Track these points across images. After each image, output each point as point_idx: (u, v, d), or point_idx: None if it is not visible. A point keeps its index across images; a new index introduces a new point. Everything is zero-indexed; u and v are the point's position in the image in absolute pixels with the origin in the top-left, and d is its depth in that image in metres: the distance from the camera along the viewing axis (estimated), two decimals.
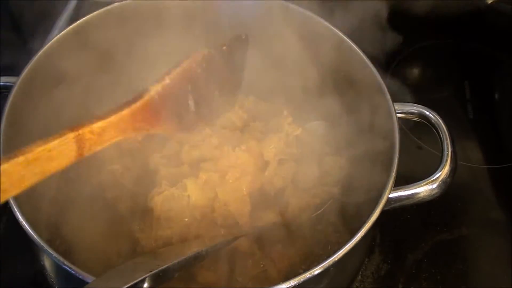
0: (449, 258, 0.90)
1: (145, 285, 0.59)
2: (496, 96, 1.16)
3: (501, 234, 0.93)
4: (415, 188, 0.75)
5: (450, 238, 0.93)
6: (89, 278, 0.62)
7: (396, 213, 0.94)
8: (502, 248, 0.91)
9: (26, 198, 0.72)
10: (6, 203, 0.67)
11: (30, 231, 0.65)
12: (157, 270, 0.62)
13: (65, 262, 0.63)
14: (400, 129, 0.77)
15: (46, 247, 0.64)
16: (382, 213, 0.69)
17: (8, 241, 0.88)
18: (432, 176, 0.75)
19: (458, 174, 0.78)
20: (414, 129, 1.03)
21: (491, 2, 1.17)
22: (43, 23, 1.09)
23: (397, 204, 0.74)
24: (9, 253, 0.86)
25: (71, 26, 0.86)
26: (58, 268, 0.64)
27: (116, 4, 0.89)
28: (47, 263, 0.74)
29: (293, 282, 0.62)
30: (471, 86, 1.15)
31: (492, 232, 0.94)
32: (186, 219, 0.81)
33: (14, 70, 0.80)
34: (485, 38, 1.20)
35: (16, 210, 0.67)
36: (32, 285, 0.85)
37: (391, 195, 0.72)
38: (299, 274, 0.63)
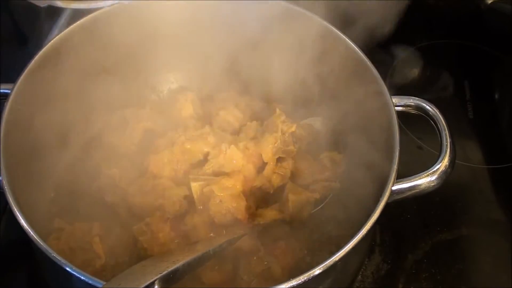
0: (449, 258, 0.90)
1: (156, 287, 0.59)
2: (496, 96, 1.16)
3: (501, 234, 0.93)
4: (416, 180, 0.75)
5: (450, 238, 0.93)
6: (89, 278, 0.62)
7: (396, 213, 0.94)
8: (502, 248, 0.92)
9: (26, 198, 0.73)
10: (6, 203, 0.68)
11: (30, 231, 0.66)
12: (167, 271, 0.62)
13: (65, 262, 0.63)
14: (400, 128, 0.77)
15: (46, 247, 0.64)
16: (383, 212, 0.70)
17: (8, 241, 0.88)
18: (432, 168, 0.76)
19: (458, 174, 0.78)
20: (414, 129, 1.03)
21: (491, 2, 1.17)
22: (43, 25, 1.09)
23: (399, 196, 0.74)
24: (9, 253, 0.86)
25: (66, 30, 0.86)
26: (58, 268, 0.64)
27: (107, 8, 0.89)
28: (47, 263, 0.73)
29: (303, 278, 0.62)
30: (471, 86, 1.15)
31: (492, 232, 0.94)
32: (187, 220, 0.81)
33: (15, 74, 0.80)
34: (485, 38, 1.20)
35: (16, 210, 0.67)
36: (32, 285, 0.85)
37: (393, 188, 0.72)
38: (306, 270, 0.63)
